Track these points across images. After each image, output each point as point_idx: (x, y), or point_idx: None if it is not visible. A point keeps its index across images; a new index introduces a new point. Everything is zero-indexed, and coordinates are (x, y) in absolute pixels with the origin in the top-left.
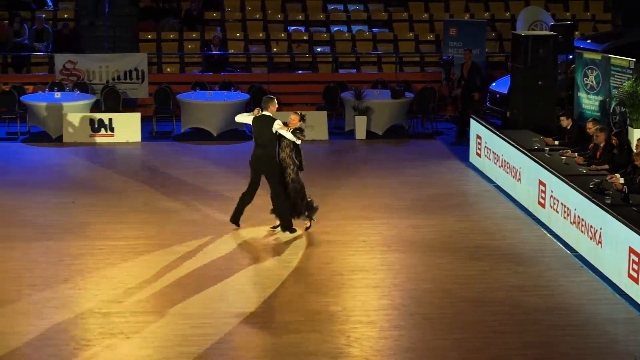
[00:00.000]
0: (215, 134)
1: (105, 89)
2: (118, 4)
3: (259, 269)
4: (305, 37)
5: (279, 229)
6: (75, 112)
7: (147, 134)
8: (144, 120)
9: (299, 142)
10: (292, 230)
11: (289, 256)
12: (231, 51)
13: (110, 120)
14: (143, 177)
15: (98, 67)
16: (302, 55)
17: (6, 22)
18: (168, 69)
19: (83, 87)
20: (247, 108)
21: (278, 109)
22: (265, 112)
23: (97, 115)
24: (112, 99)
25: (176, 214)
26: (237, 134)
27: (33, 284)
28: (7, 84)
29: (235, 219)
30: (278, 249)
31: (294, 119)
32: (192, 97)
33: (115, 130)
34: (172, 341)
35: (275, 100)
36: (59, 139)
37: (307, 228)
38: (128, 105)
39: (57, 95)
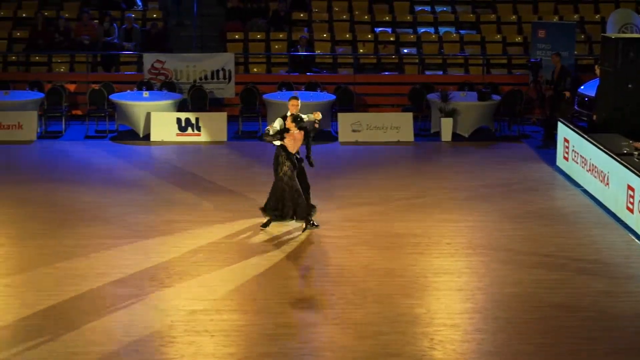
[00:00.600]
0: None
1: (193, 89)
2: (206, 4)
3: (343, 270)
4: (392, 39)
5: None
6: (162, 111)
7: (233, 133)
8: (230, 119)
9: (277, 143)
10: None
11: (373, 257)
12: (318, 52)
13: (197, 119)
14: (229, 177)
15: (185, 67)
16: (388, 57)
17: (96, 21)
18: (255, 69)
19: (170, 86)
20: None
21: (363, 109)
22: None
23: (184, 115)
24: (199, 99)
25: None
26: (322, 134)
27: (119, 280)
28: (96, 84)
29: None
30: (361, 250)
31: (294, 104)
32: (278, 97)
33: (201, 129)
34: (256, 340)
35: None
36: (147, 137)
37: (304, 229)
38: (214, 105)
39: (145, 94)
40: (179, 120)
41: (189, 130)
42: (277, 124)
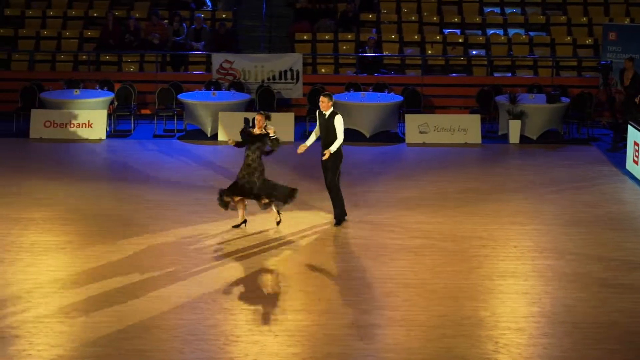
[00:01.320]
0: (367, 135)
1: (260, 89)
2: (275, 5)
3: (408, 272)
4: (460, 40)
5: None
6: (230, 111)
7: (301, 133)
8: (297, 120)
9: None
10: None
11: (438, 259)
12: (386, 53)
13: None
14: (297, 176)
15: (254, 67)
16: (456, 58)
17: (166, 21)
18: (322, 70)
19: (238, 86)
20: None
21: (430, 111)
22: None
23: (252, 115)
24: (267, 99)
25: (330, 212)
26: (389, 135)
27: (185, 279)
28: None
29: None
30: (426, 252)
31: (259, 119)
32: (345, 98)
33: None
34: (320, 340)
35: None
36: (214, 137)
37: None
38: (282, 105)
39: (214, 94)
40: (246, 120)
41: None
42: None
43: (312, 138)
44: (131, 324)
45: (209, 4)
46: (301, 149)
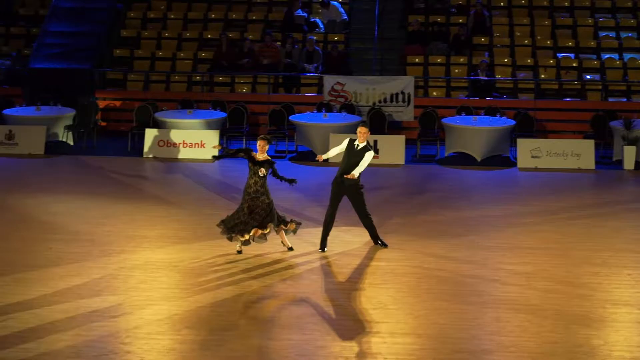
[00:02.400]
0: (479, 159)
1: (372, 111)
2: (387, 27)
3: (519, 297)
4: (574, 64)
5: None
6: (341, 133)
7: (411, 156)
8: (408, 143)
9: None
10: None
11: (550, 286)
12: (498, 76)
13: (375, 142)
14: (405, 199)
15: (365, 89)
16: (570, 83)
17: (279, 43)
18: (434, 93)
19: (350, 108)
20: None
21: (543, 135)
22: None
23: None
24: (378, 121)
25: (443, 238)
26: (501, 159)
27: (294, 299)
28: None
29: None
30: (537, 278)
31: (262, 145)
32: (457, 121)
33: (379, 152)
34: None
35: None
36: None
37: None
38: (393, 128)
39: (325, 115)
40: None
41: None
42: (343, 144)
43: (331, 154)
44: (240, 343)
45: (322, 26)
46: (320, 158)
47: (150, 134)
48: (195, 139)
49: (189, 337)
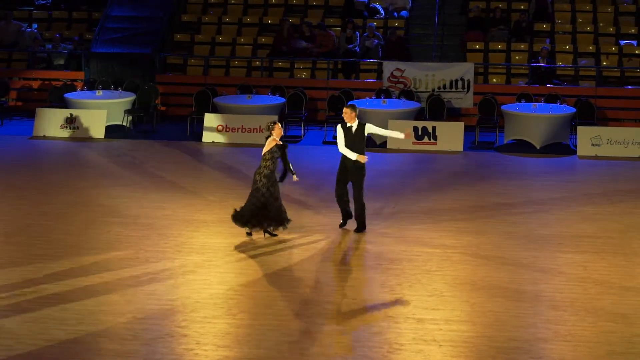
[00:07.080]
0: (538, 147)
1: (431, 98)
2: (448, 13)
3: (575, 286)
4: (637, 52)
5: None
6: (399, 119)
7: (470, 143)
8: (466, 129)
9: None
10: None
11: (608, 274)
12: (559, 63)
13: (434, 128)
14: (462, 186)
15: (424, 76)
16: (632, 70)
17: (338, 28)
18: (494, 80)
19: (409, 94)
20: None
21: (604, 123)
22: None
23: (421, 123)
24: (437, 108)
25: (500, 225)
26: (560, 147)
27: (349, 287)
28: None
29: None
30: (595, 267)
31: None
32: (516, 108)
33: (438, 138)
34: (485, 352)
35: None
36: (383, 144)
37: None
38: (452, 115)
39: (384, 102)
40: (415, 129)
41: (425, 139)
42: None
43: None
44: (295, 328)
45: (382, 12)
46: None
47: (209, 118)
48: (254, 124)
49: (245, 321)
